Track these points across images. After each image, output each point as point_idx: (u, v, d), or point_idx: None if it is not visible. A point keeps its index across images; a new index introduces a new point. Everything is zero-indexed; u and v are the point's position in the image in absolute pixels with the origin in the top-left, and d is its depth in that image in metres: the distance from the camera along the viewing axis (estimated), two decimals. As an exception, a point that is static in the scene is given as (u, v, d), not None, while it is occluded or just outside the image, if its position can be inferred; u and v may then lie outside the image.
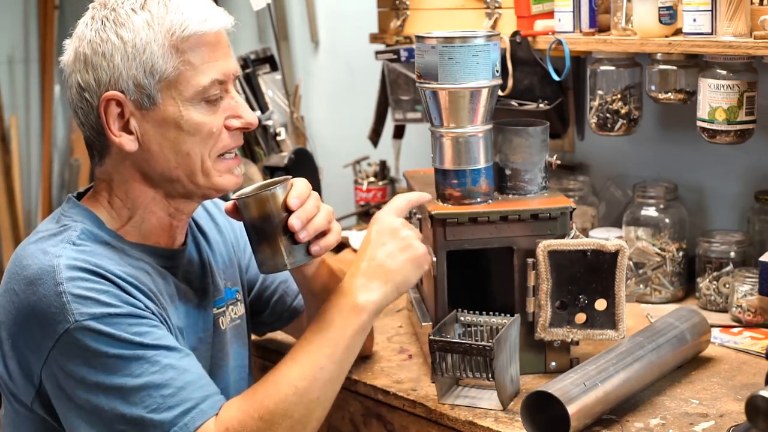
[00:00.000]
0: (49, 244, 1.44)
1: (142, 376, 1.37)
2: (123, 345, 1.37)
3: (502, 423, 1.59)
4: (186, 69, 1.46)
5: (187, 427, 1.37)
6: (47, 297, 1.38)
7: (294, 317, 1.83)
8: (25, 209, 4.04)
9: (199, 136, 1.48)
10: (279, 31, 3.04)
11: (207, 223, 1.72)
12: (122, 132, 1.48)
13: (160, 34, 1.45)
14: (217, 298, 1.66)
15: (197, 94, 1.47)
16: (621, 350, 1.66)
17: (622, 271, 1.68)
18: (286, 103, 2.79)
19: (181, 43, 1.45)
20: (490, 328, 1.73)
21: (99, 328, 1.37)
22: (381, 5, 2.52)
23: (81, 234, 1.46)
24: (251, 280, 1.82)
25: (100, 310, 1.37)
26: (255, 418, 1.39)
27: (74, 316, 1.36)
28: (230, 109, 1.51)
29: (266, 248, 1.51)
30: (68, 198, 1.56)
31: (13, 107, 4.04)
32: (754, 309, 1.99)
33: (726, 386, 1.72)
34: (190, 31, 1.46)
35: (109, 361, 1.37)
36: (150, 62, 1.45)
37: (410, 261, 1.52)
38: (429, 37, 1.73)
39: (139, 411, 1.36)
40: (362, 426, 1.83)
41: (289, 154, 2.47)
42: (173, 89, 1.46)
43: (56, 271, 1.39)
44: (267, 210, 1.49)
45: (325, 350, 1.45)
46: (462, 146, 1.76)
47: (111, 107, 1.47)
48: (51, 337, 1.38)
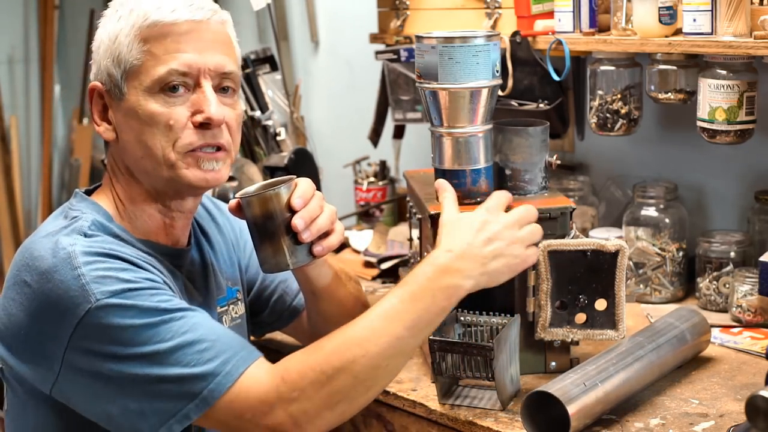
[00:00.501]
0: (61, 235, 1.44)
1: (173, 338, 1.37)
2: (148, 314, 1.37)
3: (502, 423, 1.59)
4: (148, 59, 1.47)
5: (230, 374, 1.36)
6: (64, 282, 1.38)
7: (294, 317, 1.83)
8: (25, 209, 4.04)
9: (155, 128, 1.47)
10: (279, 31, 3.04)
11: (208, 224, 1.72)
12: (102, 122, 1.52)
13: (127, 25, 1.48)
14: (220, 297, 1.66)
15: (154, 83, 1.47)
16: (621, 350, 1.66)
17: (622, 271, 1.68)
18: (286, 103, 2.79)
19: (145, 32, 1.47)
20: (490, 328, 1.73)
21: (121, 302, 1.37)
22: (381, 5, 2.52)
23: (91, 225, 1.47)
24: (251, 279, 1.82)
25: (119, 287, 1.38)
26: (317, 371, 1.37)
27: (95, 296, 1.36)
28: (197, 104, 1.49)
29: (268, 247, 1.51)
30: (75, 193, 1.56)
31: (13, 107, 4.04)
32: (754, 309, 1.99)
33: (726, 386, 1.72)
34: (152, 19, 1.47)
35: (138, 332, 1.37)
36: (117, 51, 1.48)
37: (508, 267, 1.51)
38: (429, 37, 1.73)
39: (177, 370, 1.36)
40: (362, 426, 1.83)
41: (289, 154, 2.47)
42: (135, 79, 1.48)
43: (72, 257, 1.39)
44: (270, 209, 1.49)
45: (408, 321, 1.42)
46: (462, 146, 1.76)
47: (95, 97, 1.52)
48: (72, 321, 1.37)
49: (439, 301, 1.45)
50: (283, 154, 2.49)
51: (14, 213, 3.96)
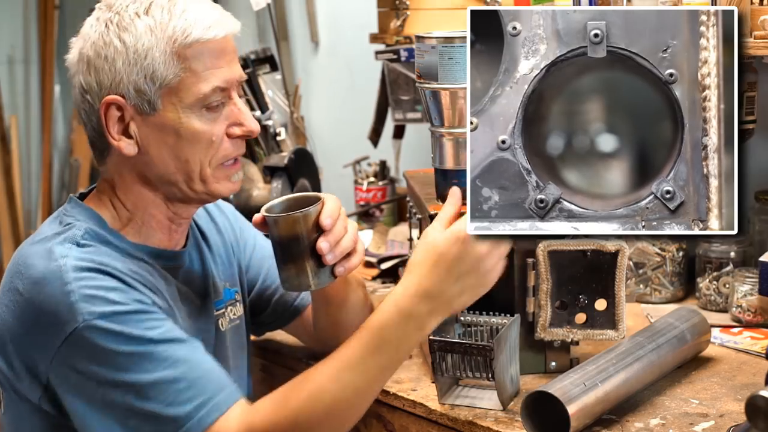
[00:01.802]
0: (54, 243, 1.44)
1: (154, 371, 1.37)
2: (133, 342, 1.37)
3: (502, 423, 1.59)
4: (187, 76, 1.45)
5: (203, 420, 1.37)
6: (54, 296, 1.38)
7: (295, 316, 1.83)
8: (25, 209, 4.04)
9: (198, 145, 1.47)
10: (279, 31, 3.04)
11: (207, 224, 1.72)
12: (122, 136, 1.48)
13: (162, 41, 1.44)
14: (217, 299, 1.66)
15: (198, 101, 1.46)
16: (621, 350, 1.66)
17: (622, 271, 1.68)
18: (286, 103, 2.79)
19: (184, 50, 1.44)
20: (490, 328, 1.73)
21: (108, 326, 1.37)
22: (381, 5, 2.52)
23: (85, 234, 1.46)
24: (252, 279, 1.82)
25: (108, 309, 1.37)
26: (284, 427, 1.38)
27: (83, 316, 1.36)
28: (232, 117, 1.50)
29: (291, 268, 1.50)
30: (70, 198, 1.55)
31: (13, 107, 4.04)
32: (754, 309, 1.99)
33: (726, 386, 1.72)
34: (193, 38, 1.45)
35: (120, 359, 1.37)
36: (151, 68, 1.44)
37: (474, 297, 1.46)
38: (429, 37, 1.73)
39: (153, 406, 1.36)
40: (362, 426, 1.83)
41: (289, 154, 2.47)
42: (174, 96, 1.45)
43: (63, 272, 1.39)
44: (297, 231, 1.48)
45: (374, 370, 1.41)
46: (462, 146, 1.76)
47: (111, 111, 1.46)
48: (59, 337, 1.37)
49: (406, 347, 1.44)
50: (283, 154, 2.49)
51: (14, 213, 3.96)
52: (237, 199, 2.40)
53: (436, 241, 1.42)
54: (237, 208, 2.36)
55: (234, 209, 1.86)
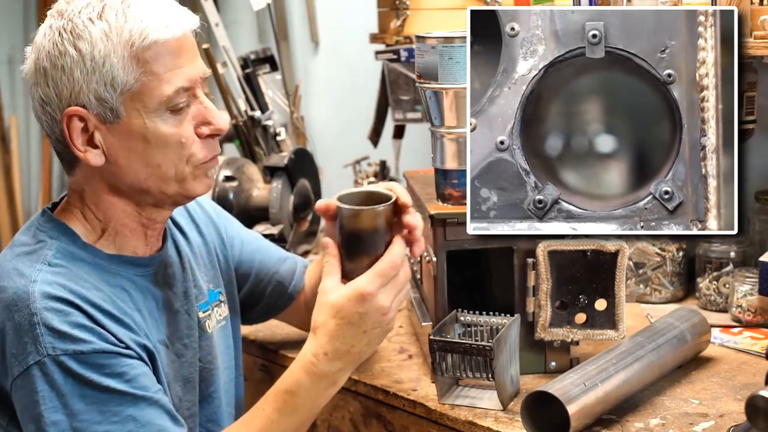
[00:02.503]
0: (25, 264, 1.40)
1: (101, 423, 1.34)
2: (89, 388, 1.34)
3: (502, 423, 1.59)
4: (149, 79, 1.40)
5: None
6: (21, 325, 1.35)
7: (289, 303, 1.84)
8: (25, 209, 4.04)
9: (168, 149, 1.43)
10: (279, 31, 3.04)
11: (187, 224, 1.69)
12: (87, 146, 1.43)
13: (119, 45, 1.38)
14: (201, 301, 1.63)
15: (162, 104, 1.41)
16: (621, 350, 1.66)
17: (622, 271, 1.68)
18: (286, 103, 2.79)
19: (142, 52, 1.39)
20: (490, 328, 1.73)
21: (68, 365, 1.34)
22: (381, 5, 2.52)
23: (56, 253, 1.42)
24: (243, 275, 1.81)
25: (72, 347, 1.34)
26: None
27: (46, 350, 1.34)
28: (199, 116, 1.46)
29: (365, 259, 1.45)
30: (43, 210, 1.52)
31: (13, 107, 4.04)
32: (754, 309, 1.99)
33: (726, 386, 1.72)
34: (151, 39, 1.39)
35: (71, 401, 1.34)
36: (110, 75, 1.38)
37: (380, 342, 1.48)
38: (429, 37, 1.73)
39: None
40: (362, 426, 1.83)
41: (289, 154, 2.47)
42: (137, 101, 1.40)
43: (31, 299, 1.35)
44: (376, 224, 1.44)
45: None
46: (462, 146, 1.76)
47: (74, 122, 1.41)
48: (20, 365, 1.35)
49: (320, 403, 1.47)
50: (283, 154, 2.50)
51: (14, 213, 3.97)
52: (237, 199, 2.40)
53: (340, 301, 1.42)
54: (237, 208, 2.38)
55: (214, 204, 1.83)
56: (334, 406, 1.88)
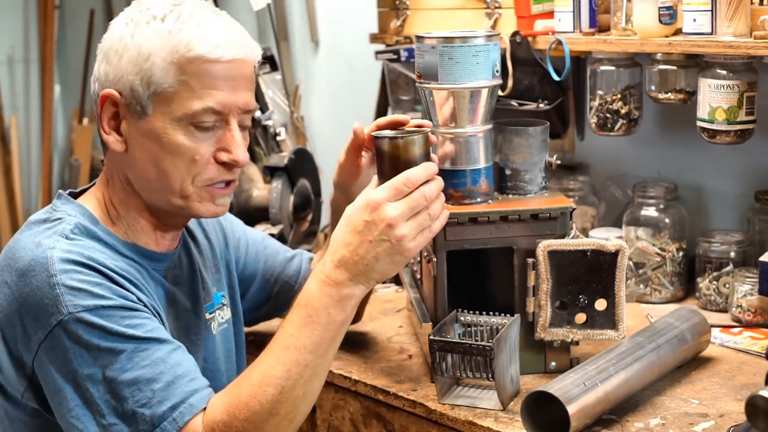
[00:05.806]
0: (43, 236, 1.43)
1: (133, 369, 1.37)
2: (114, 338, 1.37)
3: (502, 423, 1.59)
4: (183, 89, 1.43)
5: (176, 421, 1.37)
6: (40, 288, 1.37)
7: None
8: (25, 209, 4.04)
9: (179, 159, 1.46)
10: (279, 31, 3.04)
11: (195, 226, 1.71)
12: (112, 131, 1.48)
13: (165, 48, 1.43)
14: (208, 303, 1.66)
15: (185, 116, 1.44)
16: (621, 350, 1.66)
17: (622, 271, 1.68)
18: (286, 103, 2.79)
19: (185, 62, 1.43)
20: (490, 328, 1.73)
21: (91, 320, 1.37)
22: (381, 5, 2.52)
23: (74, 228, 1.46)
24: (249, 276, 1.82)
25: (92, 302, 1.37)
26: (240, 419, 1.38)
27: (67, 308, 1.36)
28: (223, 142, 1.48)
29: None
30: (59, 194, 1.55)
31: (13, 107, 4.04)
32: (754, 309, 1.99)
33: (726, 386, 1.72)
34: (196, 53, 1.43)
35: (100, 354, 1.37)
36: (150, 72, 1.43)
37: (394, 264, 1.45)
38: (429, 37, 1.73)
39: (129, 405, 1.37)
40: (362, 426, 1.83)
41: (289, 154, 2.47)
42: (165, 105, 1.44)
43: (49, 263, 1.38)
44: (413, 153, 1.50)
45: (310, 346, 1.42)
46: (462, 146, 1.76)
47: (107, 104, 1.47)
48: (43, 328, 1.37)
49: (335, 315, 1.43)
50: (283, 154, 2.49)
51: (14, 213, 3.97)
52: (237, 200, 2.40)
53: (349, 212, 1.45)
54: (237, 208, 2.38)
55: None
56: (334, 406, 1.88)
